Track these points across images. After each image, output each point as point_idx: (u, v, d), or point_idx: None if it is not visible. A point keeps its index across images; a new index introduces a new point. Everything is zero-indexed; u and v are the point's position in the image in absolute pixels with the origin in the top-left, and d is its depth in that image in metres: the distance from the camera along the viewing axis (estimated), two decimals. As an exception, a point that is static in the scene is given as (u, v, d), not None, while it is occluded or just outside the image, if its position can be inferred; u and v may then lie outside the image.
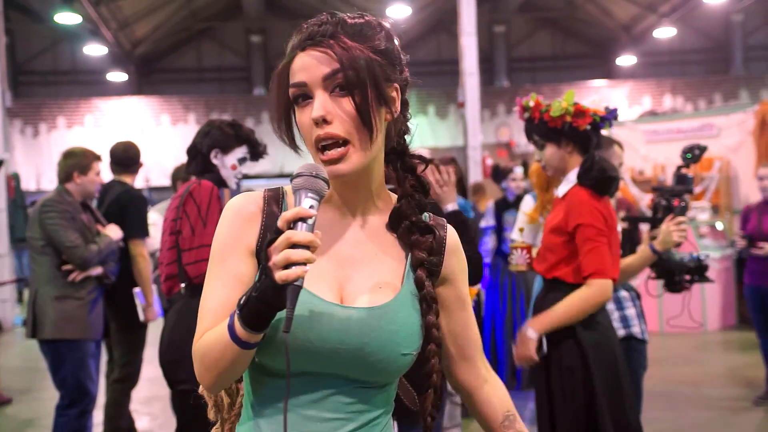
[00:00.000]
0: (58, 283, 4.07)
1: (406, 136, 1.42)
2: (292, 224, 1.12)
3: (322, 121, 1.23)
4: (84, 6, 15.36)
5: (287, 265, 1.09)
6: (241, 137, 3.32)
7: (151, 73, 21.36)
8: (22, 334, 10.46)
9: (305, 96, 1.25)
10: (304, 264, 1.09)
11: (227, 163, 3.29)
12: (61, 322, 4.02)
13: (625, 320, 3.45)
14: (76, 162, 4.24)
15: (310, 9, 20.44)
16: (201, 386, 1.32)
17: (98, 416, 4.61)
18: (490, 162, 13.09)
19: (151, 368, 7.63)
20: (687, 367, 6.59)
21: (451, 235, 1.39)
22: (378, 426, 1.30)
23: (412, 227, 1.34)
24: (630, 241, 3.66)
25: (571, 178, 2.94)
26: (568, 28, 22.08)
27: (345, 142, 1.24)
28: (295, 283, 1.09)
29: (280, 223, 1.12)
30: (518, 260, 3.14)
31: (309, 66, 1.24)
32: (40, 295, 4.07)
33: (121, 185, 4.75)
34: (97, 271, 4.15)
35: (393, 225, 1.35)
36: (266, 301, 1.12)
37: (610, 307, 3.46)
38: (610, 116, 2.93)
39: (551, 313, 2.80)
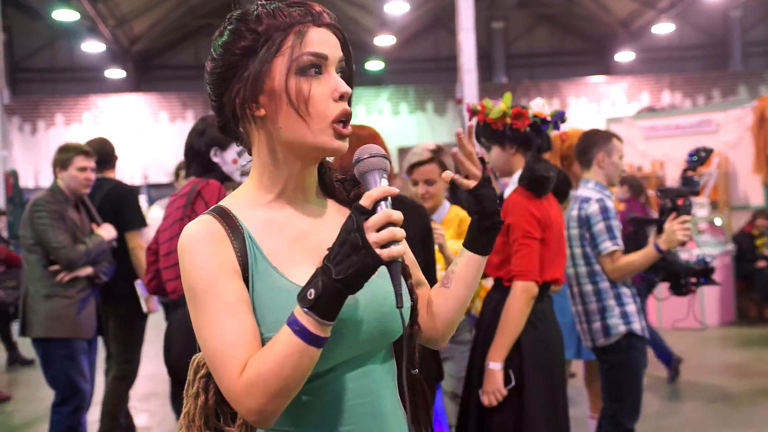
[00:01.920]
0: (47, 282, 4.04)
1: None
2: (377, 204, 1.12)
3: (347, 99, 1.26)
4: (81, 3, 15.33)
5: (386, 244, 1.09)
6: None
7: (149, 70, 21.34)
8: (21, 331, 10.47)
9: (318, 68, 1.25)
10: (400, 242, 1.10)
11: (228, 158, 3.26)
12: (50, 321, 4.00)
13: (625, 316, 3.45)
14: (57, 157, 4.22)
15: (309, 5, 20.37)
16: (255, 423, 1.20)
17: (95, 413, 4.60)
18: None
19: (149, 365, 7.64)
20: (686, 362, 6.59)
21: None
22: (395, 389, 1.34)
23: (344, 183, 1.40)
24: (635, 242, 3.66)
25: (515, 180, 2.98)
26: (567, 24, 22.08)
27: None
28: (398, 260, 1.10)
29: (365, 201, 1.11)
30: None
31: (329, 42, 1.26)
32: (30, 293, 4.05)
33: (109, 181, 4.75)
34: (87, 271, 4.09)
35: (327, 190, 1.39)
36: (356, 284, 1.10)
37: (611, 303, 3.46)
38: (555, 118, 2.96)
39: (499, 338, 2.82)
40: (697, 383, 6.22)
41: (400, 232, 1.09)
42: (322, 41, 1.24)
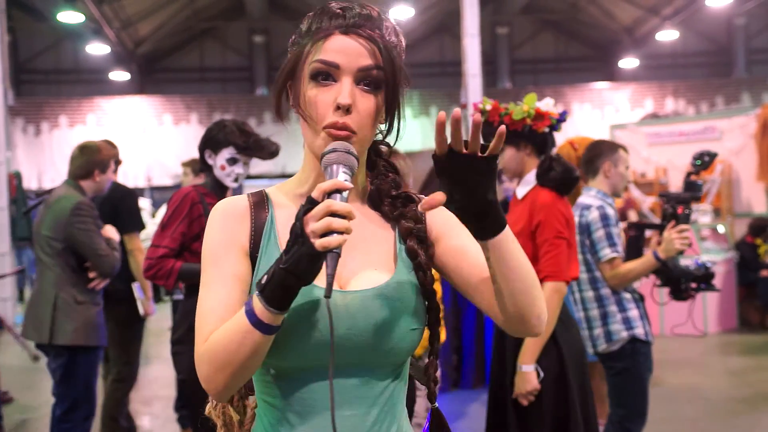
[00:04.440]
0: (80, 288, 3.89)
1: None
2: (327, 195, 1.13)
3: (345, 110, 1.24)
4: (87, 5, 15.37)
5: (325, 234, 1.09)
6: (226, 138, 3.34)
7: (153, 73, 21.37)
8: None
9: (328, 76, 1.25)
10: (342, 233, 1.09)
11: (217, 162, 3.37)
12: (83, 329, 3.85)
13: (627, 322, 3.45)
14: (98, 158, 4.05)
15: (313, 9, 20.39)
16: (210, 397, 1.27)
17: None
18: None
19: (152, 368, 7.65)
20: (688, 369, 6.58)
21: (424, 198, 1.33)
22: (398, 407, 1.31)
23: (394, 201, 1.37)
24: (635, 248, 3.67)
25: (529, 180, 2.99)
26: (571, 31, 22.08)
27: (352, 134, 1.26)
28: (335, 251, 1.09)
29: (315, 193, 1.12)
30: None
31: (349, 51, 1.25)
32: (61, 299, 3.86)
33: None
34: (107, 280, 4.00)
35: (374, 203, 1.38)
36: (298, 272, 1.11)
37: (613, 309, 3.46)
38: (561, 118, 2.98)
39: (530, 340, 2.86)
40: (699, 389, 6.21)
41: (338, 223, 1.09)
42: (338, 50, 1.25)
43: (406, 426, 1.33)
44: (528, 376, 2.86)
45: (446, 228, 1.36)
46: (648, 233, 3.90)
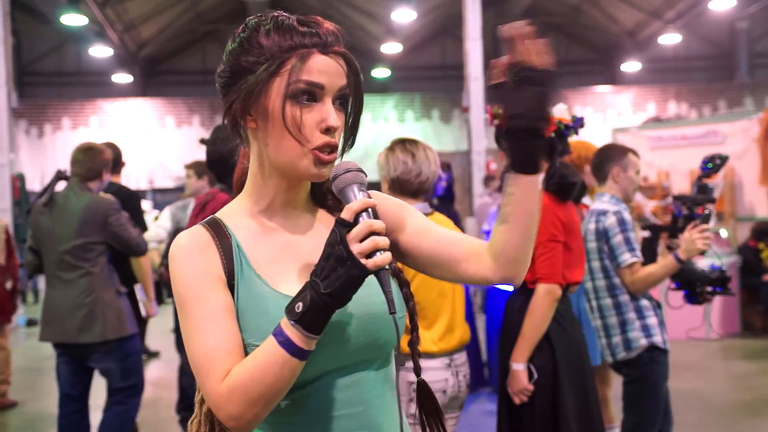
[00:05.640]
0: (116, 281, 4.15)
1: None
2: (358, 215, 1.14)
3: (333, 131, 1.26)
4: (90, 7, 15.39)
5: (370, 254, 1.11)
6: None
7: (156, 75, 21.40)
8: (26, 334, 10.48)
9: (311, 96, 1.25)
10: (386, 250, 1.11)
11: None
12: (128, 318, 4.12)
13: (646, 329, 3.40)
14: (106, 159, 4.22)
15: (315, 12, 20.35)
16: (234, 430, 1.22)
17: (96, 417, 4.60)
18: (494, 167, 13.09)
19: (154, 370, 7.66)
20: (690, 374, 6.57)
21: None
22: (393, 398, 1.34)
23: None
24: (650, 251, 3.63)
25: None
26: (573, 34, 22.08)
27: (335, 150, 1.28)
28: (385, 268, 1.12)
29: (346, 214, 1.14)
30: None
31: (330, 71, 1.25)
32: (104, 297, 4.05)
33: (112, 185, 4.79)
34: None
35: (319, 199, 1.39)
36: (345, 296, 1.12)
37: (632, 316, 3.42)
38: (576, 124, 2.99)
39: (523, 339, 2.90)
40: (701, 394, 6.20)
41: (383, 241, 1.11)
42: (322, 70, 1.24)
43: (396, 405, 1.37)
44: (518, 374, 2.88)
45: (400, 213, 1.39)
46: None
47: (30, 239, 4.21)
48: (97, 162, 4.15)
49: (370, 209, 1.15)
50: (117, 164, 4.98)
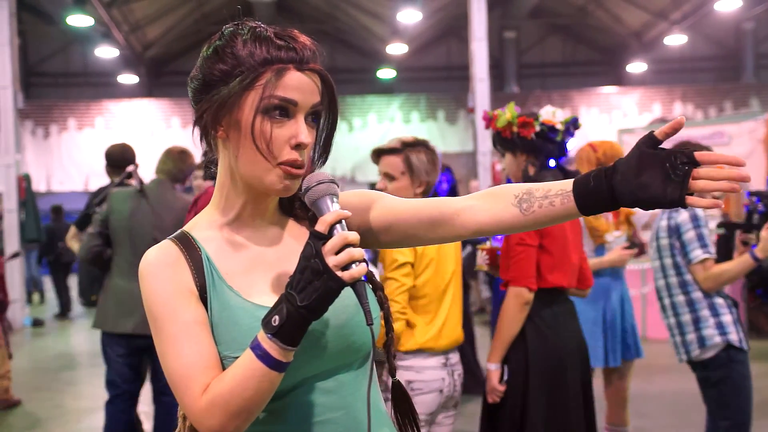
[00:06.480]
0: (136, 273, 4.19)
1: None
2: (332, 227, 1.14)
3: (302, 147, 1.25)
4: (96, 8, 15.44)
5: (346, 266, 1.11)
6: None
7: (161, 76, 21.45)
8: (32, 334, 10.50)
9: (284, 111, 1.24)
10: (361, 261, 1.12)
11: None
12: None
13: (721, 327, 3.32)
14: (194, 165, 4.31)
15: (321, 13, 20.49)
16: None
17: (99, 419, 4.62)
18: (499, 167, 13.08)
19: (158, 370, 7.65)
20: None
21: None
22: (377, 393, 1.35)
23: (303, 203, 1.35)
24: (725, 248, 3.58)
25: None
26: (579, 35, 22.07)
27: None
28: (361, 279, 1.12)
29: (321, 227, 1.14)
30: (480, 261, 3.20)
31: (304, 88, 1.24)
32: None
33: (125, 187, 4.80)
34: None
35: (286, 208, 1.38)
36: (321, 309, 1.12)
37: (705, 313, 3.34)
38: (568, 125, 2.98)
39: (495, 340, 2.93)
40: (707, 396, 6.18)
41: (358, 252, 1.12)
42: (296, 87, 1.23)
43: (382, 404, 1.38)
44: (490, 374, 2.91)
45: (364, 198, 1.38)
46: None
47: (99, 225, 4.12)
48: (187, 165, 4.20)
49: (343, 221, 1.15)
50: (130, 165, 4.98)
